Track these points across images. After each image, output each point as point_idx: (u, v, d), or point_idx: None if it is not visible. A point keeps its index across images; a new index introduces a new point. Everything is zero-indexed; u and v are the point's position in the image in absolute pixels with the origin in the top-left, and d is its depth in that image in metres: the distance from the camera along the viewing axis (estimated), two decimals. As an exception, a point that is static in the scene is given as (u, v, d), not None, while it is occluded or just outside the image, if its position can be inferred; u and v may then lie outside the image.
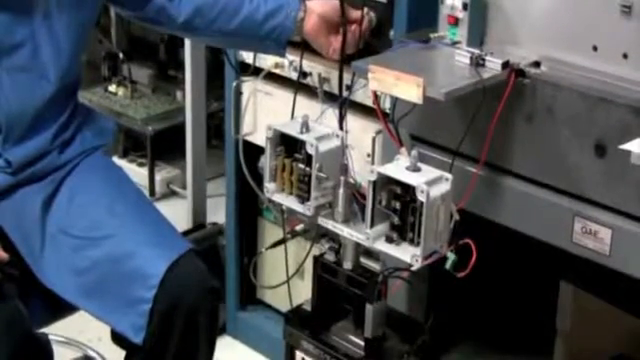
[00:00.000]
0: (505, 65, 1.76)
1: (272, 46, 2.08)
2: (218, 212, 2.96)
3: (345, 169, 1.75)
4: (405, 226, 1.65)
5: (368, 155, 2.19)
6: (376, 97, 1.86)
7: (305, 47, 2.16)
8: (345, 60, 2.04)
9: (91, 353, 2.52)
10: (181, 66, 3.24)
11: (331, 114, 2.14)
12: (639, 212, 1.69)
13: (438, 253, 1.66)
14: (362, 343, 1.82)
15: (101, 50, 3.76)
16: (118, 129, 2.98)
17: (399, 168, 1.65)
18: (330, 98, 2.22)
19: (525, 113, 1.79)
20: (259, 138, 2.41)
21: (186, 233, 2.85)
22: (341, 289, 1.82)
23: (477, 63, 1.77)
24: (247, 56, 2.43)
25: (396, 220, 1.65)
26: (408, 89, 1.66)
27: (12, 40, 1.85)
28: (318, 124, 1.79)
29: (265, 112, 2.44)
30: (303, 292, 2.28)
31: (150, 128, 3.48)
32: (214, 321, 1.93)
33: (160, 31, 2.25)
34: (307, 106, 2.22)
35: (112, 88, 3.71)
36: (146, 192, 3.42)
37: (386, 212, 1.66)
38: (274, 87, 2.41)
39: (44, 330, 2.01)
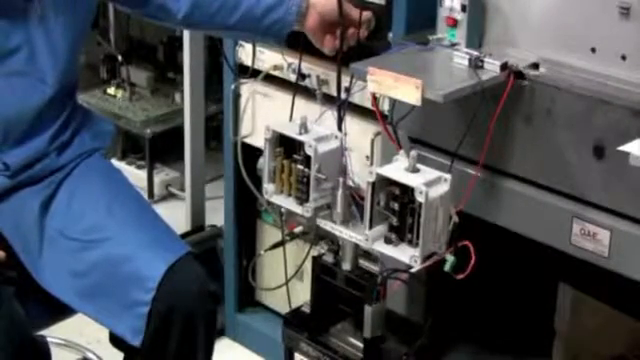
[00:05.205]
0: (504, 67, 1.75)
1: (272, 40, 2.10)
2: (217, 214, 2.96)
3: (344, 170, 1.75)
4: (404, 227, 1.65)
5: (367, 157, 2.18)
6: (375, 99, 1.85)
7: (304, 49, 2.16)
8: (344, 62, 2.04)
9: (90, 355, 2.51)
10: (180, 68, 3.24)
11: (330, 116, 2.14)
12: (638, 214, 1.69)
13: (437, 255, 1.65)
14: (361, 345, 1.82)
15: (100, 52, 3.75)
16: (117, 131, 2.98)
17: (398, 169, 1.65)
18: (329, 100, 2.21)
19: (524, 115, 1.79)
20: (258, 140, 2.41)
21: (185, 235, 2.85)
22: (340, 291, 1.82)
23: (476, 65, 1.76)
24: (246, 58, 2.43)
25: (395, 221, 1.65)
26: (407, 91, 1.66)
27: (8, 45, 1.85)
28: (317, 125, 1.79)
29: (264, 114, 2.43)
30: (302, 294, 2.28)
31: (149, 130, 3.47)
32: (212, 324, 1.93)
33: (162, 26, 2.26)
34: (306, 108, 2.21)
35: (111, 90, 3.70)
36: (145, 194, 3.42)
37: (385, 213, 1.66)
38: (273, 89, 2.41)
39: (42, 332, 2.01)
